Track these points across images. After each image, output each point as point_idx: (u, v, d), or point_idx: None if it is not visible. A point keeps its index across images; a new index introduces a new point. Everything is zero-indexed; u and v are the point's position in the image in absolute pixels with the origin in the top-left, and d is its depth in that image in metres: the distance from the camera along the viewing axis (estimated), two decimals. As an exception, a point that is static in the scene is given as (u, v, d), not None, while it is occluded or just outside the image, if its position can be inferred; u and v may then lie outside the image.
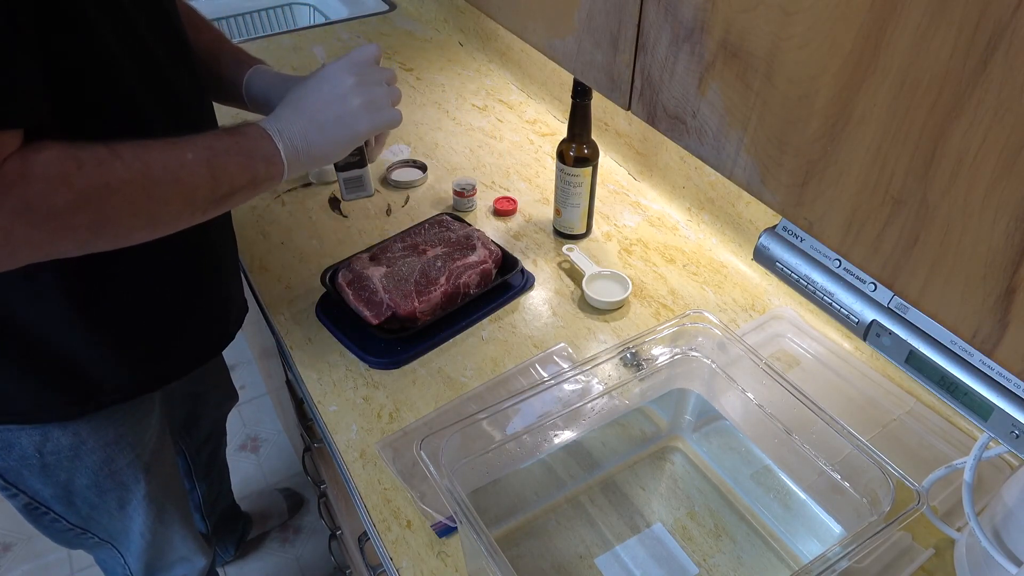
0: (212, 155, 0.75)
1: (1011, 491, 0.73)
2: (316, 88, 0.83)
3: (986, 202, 0.40)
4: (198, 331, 0.99)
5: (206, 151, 0.74)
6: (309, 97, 0.83)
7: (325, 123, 0.82)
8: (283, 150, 0.80)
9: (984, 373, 0.56)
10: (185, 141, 0.74)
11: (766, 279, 1.17)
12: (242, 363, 2.29)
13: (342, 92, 0.83)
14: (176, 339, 0.96)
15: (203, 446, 1.44)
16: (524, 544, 0.86)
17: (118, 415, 0.97)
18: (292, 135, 0.81)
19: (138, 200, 0.69)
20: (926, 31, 0.40)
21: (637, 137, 1.34)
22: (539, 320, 1.11)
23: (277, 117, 0.82)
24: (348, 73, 0.83)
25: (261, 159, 0.79)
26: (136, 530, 1.11)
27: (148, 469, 1.05)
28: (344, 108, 0.82)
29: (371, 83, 0.84)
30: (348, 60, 0.84)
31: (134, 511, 1.08)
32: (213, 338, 1.03)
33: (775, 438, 0.86)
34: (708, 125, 0.58)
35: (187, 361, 1.00)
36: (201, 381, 1.30)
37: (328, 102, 0.82)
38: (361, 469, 0.92)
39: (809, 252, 0.66)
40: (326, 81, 0.83)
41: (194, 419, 1.36)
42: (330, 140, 0.83)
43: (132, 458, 1.02)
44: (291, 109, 0.82)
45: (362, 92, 0.83)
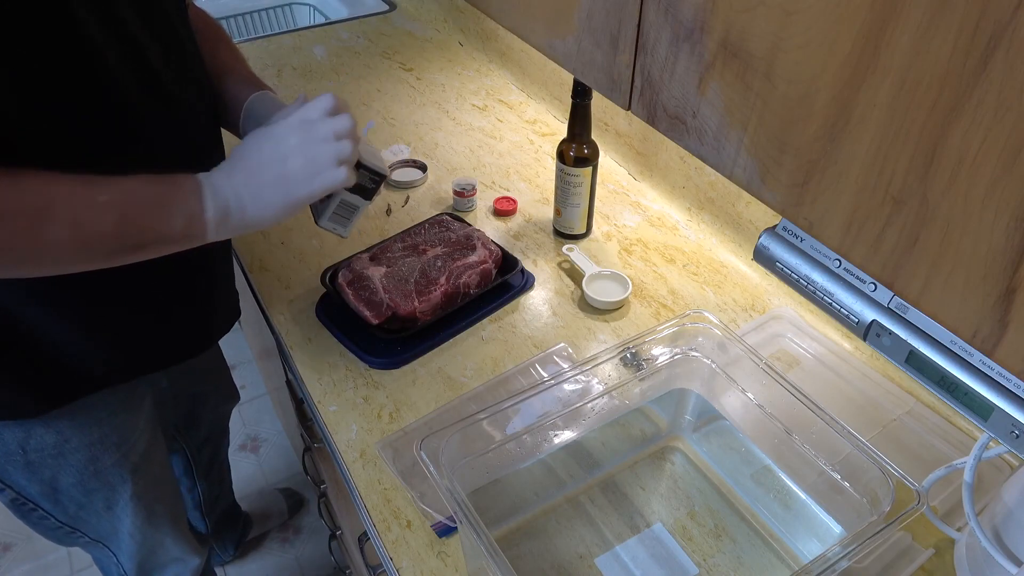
0: (128, 202, 0.71)
1: (1011, 491, 0.73)
2: (258, 146, 0.77)
3: (986, 202, 0.40)
4: (176, 328, 0.98)
5: (123, 196, 0.71)
6: (250, 155, 0.77)
7: (261, 186, 0.76)
8: (210, 211, 0.75)
9: (984, 373, 0.56)
10: (106, 182, 0.70)
11: (766, 279, 1.17)
12: (242, 363, 2.29)
13: (282, 153, 0.76)
14: (151, 333, 0.94)
15: (204, 445, 1.44)
16: (524, 544, 0.86)
17: (102, 415, 0.97)
18: (225, 196, 0.75)
19: (23, 234, 0.65)
20: (926, 31, 0.40)
21: (637, 137, 1.34)
22: (539, 320, 1.11)
23: (216, 172, 0.76)
24: (293, 131, 0.77)
25: (182, 216, 0.74)
26: (125, 531, 1.11)
27: (135, 470, 1.05)
28: (281, 170, 0.76)
29: (315, 140, 0.76)
30: (297, 116, 0.78)
31: (122, 512, 1.08)
32: (192, 338, 1.02)
33: (775, 438, 0.86)
34: (708, 125, 0.58)
35: (161, 356, 0.98)
36: (201, 381, 1.30)
37: (266, 163, 0.76)
38: (361, 469, 0.92)
39: (809, 252, 0.66)
40: (269, 139, 0.77)
41: (194, 419, 1.36)
42: (265, 205, 0.77)
43: (118, 458, 1.02)
44: (230, 165, 0.77)
45: (303, 152, 0.76)
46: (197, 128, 0.89)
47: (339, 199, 0.88)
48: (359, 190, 0.88)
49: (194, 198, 0.74)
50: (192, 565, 1.25)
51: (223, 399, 1.43)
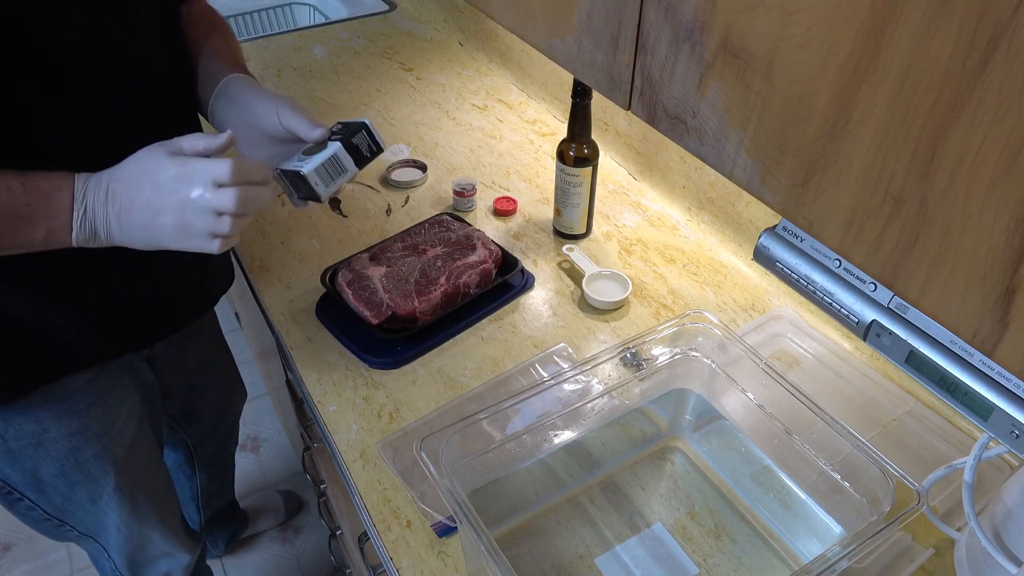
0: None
1: (1011, 491, 0.73)
2: (136, 180, 0.73)
3: (986, 202, 0.40)
4: (146, 307, 0.98)
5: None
6: (126, 186, 0.73)
7: (129, 224, 0.74)
8: (76, 232, 0.74)
9: (984, 373, 0.56)
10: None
11: (766, 279, 1.17)
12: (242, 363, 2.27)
13: (157, 205, 0.72)
14: (123, 311, 0.95)
15: (208, 440, 1.43)
16: (524, 544, 0.86)
17: (80, 405, 0.97)
18: (95, 218, 0.74)
19: None
20: (926, 31, 0.40)
21: (637, 137, 1.34)
22: (539, 320, 1.11)
23: (93, 187, 0.74)
24: (173, 184, 0.72)
25: (44, 230, 0.73)
26: (112, 524, 1.11)
27: (118, 463, 1.05)
28: (151, 220, 0.73)
29: (192, 209, 0.72)
30: (185, 170, 0.72)
31: (107, 505, 1.08)
32: (160, 320, 1.03)
33: (775, 438, 0.86)
34: (708, 125, 0.58)
35: (136, 335, 1.00)
36: (196, 374, 1.29)
37: (139, 204, 0.73)
38: (361, 469, 0.92)
39: (809, 252, 0.66)
40: (148, 180, 0.73)
41: (193, 412, 1.35)
42: (132, 238, 0.75)
43: (99, 450, 1.02)
44: (105, 188, 0.74)
45: (177, 215, 0.72)
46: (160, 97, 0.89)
47: (331, 154, 0.83)
48: (353, 152, 0.84)
49: (64, 216, 0.73)
50: (183, 562, 1.25)
51: (224, 394, 1.41)
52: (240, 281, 1.44)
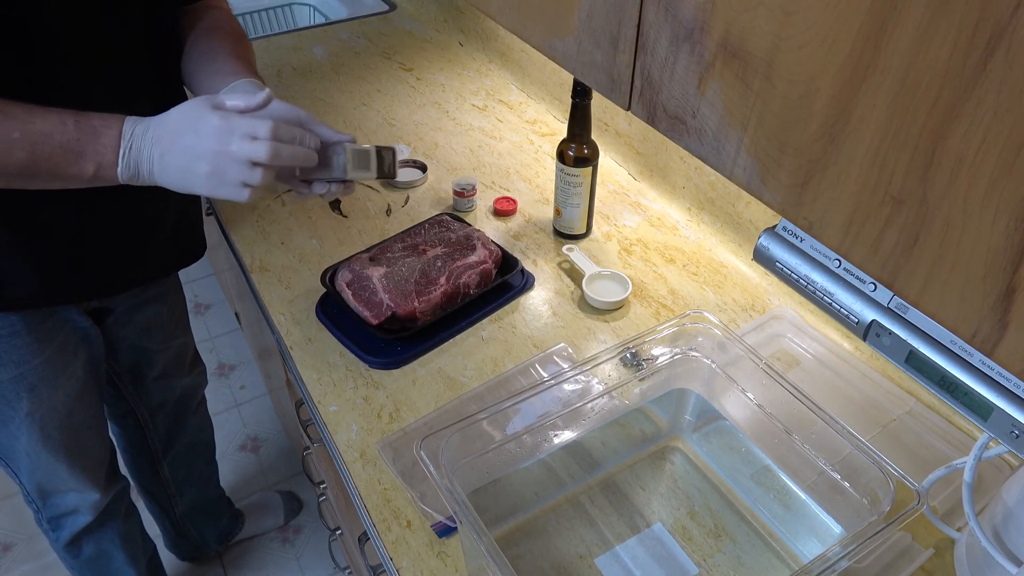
0: (42, 142, 0.76)
1: (1011, 491, 0.73)
2: (180, 127, 0.80)
3: (986, 202, 0.40)
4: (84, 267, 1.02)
5: (37, 136, 0.76)
6: (171, 132, 0.80)
7: (169, 166, 0.80)
8: (121, 169, 0.80)
9: (984, 373, 0.56)
10: (26, 117, 0.76)
11: (766, 279, 1.17)
12: (242, 363, 2.29)
13: (196, 151, 0.79)
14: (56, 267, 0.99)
15: (156, 412, 1.42)
16: (524, 544, 0.86)
17: (2, 332, 1.00)
18: (139, 157, 0.80)
19: None
20: (926, 31, 0.40)
21: (637, 137, 1.34)
22: (539, 320, 1.11)
23: (140, 132, 0.80)
24: (214, 135, 0.78)
25: (94, 163, 0.78)
26: (21, 449, 1.13)
27: (33, 390, 1.07)
28: (189, 165, 0.79)
29: (228, 156, 0.78)
30: (227, 123, 0.79)
31: (17, 429, 1.10)
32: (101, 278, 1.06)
33: (775, 438, 0.86)
34: (708, 125, 0.58)
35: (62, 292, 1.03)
36: (147, 336, 1.28)
37: (180, 149, 0.79)
38: (361, 469, 0.92)
39: (809, 252, 0.66)
40: (191, 129, 0.79)
41: (140, 376, 1.34)
42: (170, 180, 0.81)
43: (15, 375, 1.05)
44: (154, 131, 0.80)
45: (214, 161, 0.78)
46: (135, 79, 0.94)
47: (367, 147, 0.92)
48: (379, 159, 0.93)
49: (111, 152, 0.79)
50: (91, 499, 1.25)
51: (175, 367, 1.39)
52: (240, 281, 1.44)
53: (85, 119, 0.78)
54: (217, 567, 1.79)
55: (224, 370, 2.26)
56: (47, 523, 1.27)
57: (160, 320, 1.30)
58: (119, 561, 1.37)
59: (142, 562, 1.43)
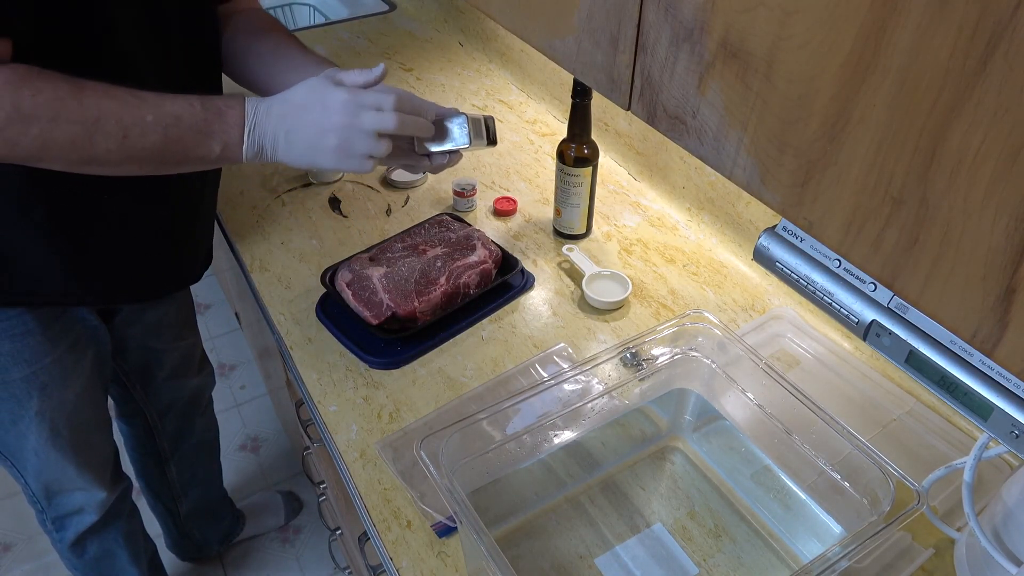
0: (173, 124, 0.78)
1: (1011, 491, 0.73)
2: (307, 104, 0.82)
3: (986, 202, 0.40)
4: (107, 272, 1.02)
5: (169, 119, 0.78)
6: (296, 108, 0.82)
7: (296, 142, 0.82)
8: (247, 147, 0.82)
9: (984, 373, 0.56)
10: (156, 101, 0.78)
11: (766, 279, 1.17)
12: (242, 363, 2.29)
13: (325, 125, 0.81)
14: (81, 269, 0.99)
15: (165, 413, 1.42)
16: (524, 544, 0.86)
17: (16, 331, 1.01)
18: (263, 134, 0.82)
19: (79, 141, 0.75)
20: (926, 31, 0.40)
21: (637, 137, 1.34)
22: (539, 320, 1.11)
23: (264, 110, 0.82)
24: (343, 109, 0.81)
25: (221, 143, 0.81)
26: (30, 448, 1.13)
27: (44, 388, 1.07)
28: (317, 140, 0.82)
29: (357, 128, 0.81)
30: (354, 96, 0.82)
31: (27, 428, 1.10)
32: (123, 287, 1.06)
33: (775, 438, 0.86)
34: (708, 125, 0.58)
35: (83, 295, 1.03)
36: (156, 336, 1.29)
37: (307, 124, 0.82)
38: (361, 469, 0.92)
39: (809, 252, 0.66)
40: (319, 104, 0.82)
41: (149, 376, 1.35)
42: (293, 157, 0.83)
43: (27, 374, 1.05)
44: (281, 107, 0.82)
45: (342, 134, 0.81)
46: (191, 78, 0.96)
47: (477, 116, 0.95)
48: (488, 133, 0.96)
49: (236, 130, 0.81)
50: (98, 498, 1.25)
51: (183, 368, 1.40)
52: (240, 281, 1.44)
53: (210, 101, 0.80)
54: (217, 567, 1.79)
55: (224, 370, 2.26)
56: (51, 523, 1.26)
57: (169, 320, 1.30)
58: (123, 561, 1.37)
59: (144, 562, 1.44)
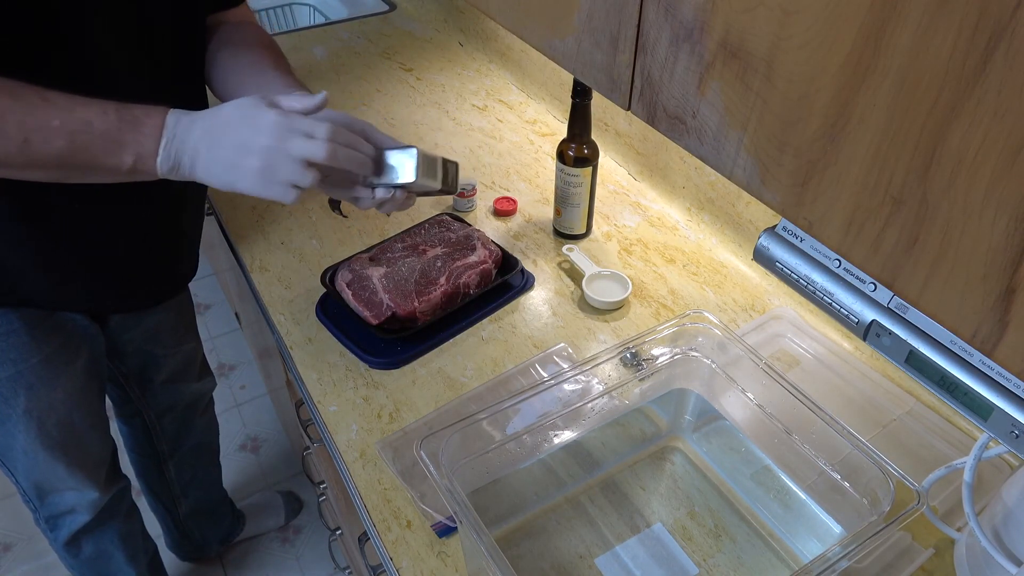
0: (82, 130, 0.74)
1: (1011, 491, 0.73)
2: (234, 121, 0.77)
3: (986, 202, 0.40)
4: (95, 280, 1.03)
5: (78, 124, 0.74)
6: (222, 125, 0.77)
7: (217, 160, 0.77)
8: (161, 160, 0.77)
9: (984, 373, 0.56)
10: (67, 105, 0.74)
11: (766, 279, 1.17)
12: (242, 363, 2.29)
13: (249, 146, 0.76)
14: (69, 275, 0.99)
15: (164, 415, 1.42)
16: (524, 544, 0.86)
17: (0, 330, 1.01)
18: (182, 148, 0.77)
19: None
20: (926, 31, 0.40)
21: (637, 137, 1.34)
22: (539, 320, 1.11)
23: (187, 123, 0.78)
24: (271, 131, 0.76)
25: (133, 154, 0.76)
26: (19, 447, 1.13)
27: (30, 388, 1.07)
28: (239, 160, 0.76)
29: (283, 153, 0.75)
30: (286, 120, 0.76)
31: (14, 427, 1.10)
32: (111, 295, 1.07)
33: (775, 438, 0.86)
34: (708, 125, 0.58)
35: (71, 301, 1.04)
36: (154, 341, 1.29)
37: (231, 143, 0.77)
38: (361, 469, 0.92)
39: (809, 252, 0.66)
40: (247, 123, 0.77)
41: (146, 380, 1.35)
42: (214, 175, 0.78)
43: (12, 373, 1.04)
44: (203, 122, 0.78)
45: (266, 157, 0.76)
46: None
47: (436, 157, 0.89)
48: (444, 172, 0.90)
49: (151, 142, 0.76)
50: (89, 498, 1.25)
51: (183, 371, 1.40)
52: (240, 281, 1.44)
53: (127, 109, 0.76)
54: (217, 567, 1.79)
55: (224, 370, 2.26)
56: (45, 523, 1.27)
57: (168, 325, 1.30)
58: (119, 561, 1.37)
59: (143, 562, 1.43)
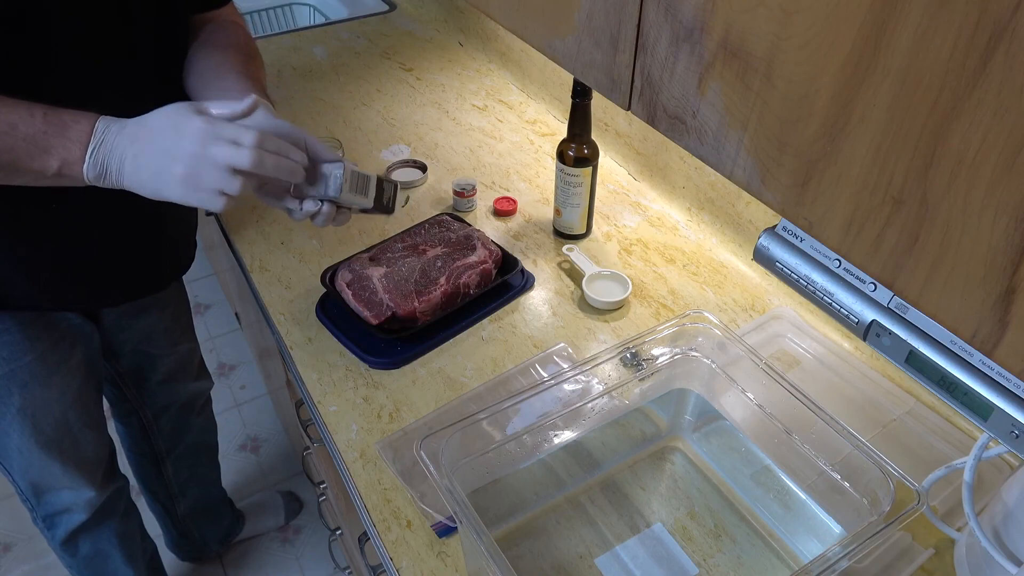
0: (6, 132, 0.73)
1: (1011, 491, 0.73)
2: (160, 128, 0.77)
3: (986, 202, 0.40)
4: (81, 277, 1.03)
5: (2, 126, 0.73)
6: (148, 132, 0.77)
7: (142, 167, 0.77)
8: (87, 167, 0.76)
9: (984, 373, 0.56)
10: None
11: (766, 279, 1.17)
12: (242, 363, 2.29)
13: (174, 152, 0.75)
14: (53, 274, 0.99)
15: (160, 415, 1.43)
16: (524, 544, 0.86)
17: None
18: (109, 155, 0.76)
19: None
20: (926, 31, 0.40)
21: (637, 137, 1.34)
22: (539, 320, 1.11)
23: (116, 130, 0.77)
24: (195, 137, 0.75)
25: (59, 159, 0.75)
26: (13, 446, 1.13)
27: (24, 386, 1.08)
28: (164, 167, 0.76)
29: (207, 160, 0.75)
30: (211, 126, 0.76)
31: (9, 426, 1.10)
32: (99, 290, 1.06)
33: (775, 438, 0.86)
34: (708, 125, 0.58)
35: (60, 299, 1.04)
36: (149, 341, 1.29)
37: (156, 150, 0.76)
38: (361, 469, 0.92)
39: (809, 252, 0.66)
40: (171, 130, 0.76)
41: (143, 379, 1.35)
42: (140, 182, 0.78)
43: (6, 371, 1.05)
44: (131, 130, 0.77)
45: (190, 164, 0.75)
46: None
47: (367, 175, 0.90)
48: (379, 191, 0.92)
49: (77, 148, 0.76)
50: (85, 497, 1.25)
51: (179, 371, 1.40)
52: (240, 281, 1.44)
53: (55, 113, 0.75)
54: (217, 567, 1.79)
55: (224, 370, 2.26)
56: (42, 521, 1.27)
57: (162, 326, 1.30)
58: (117, 560, 1.37)
59: (141, 562, 1.43)
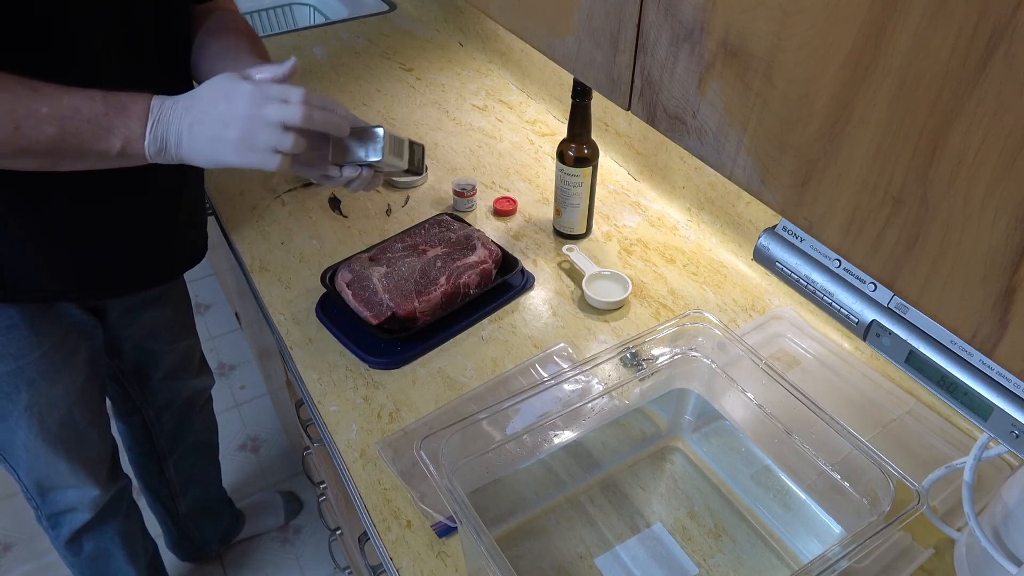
0: (70, 116, 0.76)
1: (1011, 491, 0.73)
2: (212, 97, 0.81)
3: (986, 202, 0.40)
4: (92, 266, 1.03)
5: (66, 111, 0.76)
6: (201, 102, 0.81)
7: (199, 136, 0.80)
8: (148, 142, 0.80)
9: (984, 373, 0.56)
10: (54, 94, 0.76)
11: (766, 279, 1.17)
12: (242, 363, 2.29)
13: (227, 117, 0.79)
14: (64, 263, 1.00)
15: (162, 412, 1.43)
16: (524, 544, 0.86)
17: (1, 325, 1.01)
18: (167, 129, 0.80)
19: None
20: (926, 31, 0.40)
21: (637, 137, 1.34)
22: (539, 320, 1.11)
23: (169, 105, 0.81)
24: (246, 99, 0.79)
25: (122, 138, 0.79)
26: (20, 443, 1.13)
27: (32, 383, 1.08)
28: (220, 132, 0.80)
29: (260, 119, 0.79)
30: (259, 88, 0.80)
31: (16, 423, 1.10)
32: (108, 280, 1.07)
33: (775, 438, 0.86)
34: (708, 125, 0.58)
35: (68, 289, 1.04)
36: (151, 338, 1.29)
37: (211, 118, 0.80)
38: (361, 469, 0.92)
39: (809, 252, 0.66)
40: (223, 97, 0.80)
41: (145, 376, 1.35)
42: (198, 151, 0.81)
43: (14, 368, 1.05)
44: (187, 102, 0.81)
45: (244, 126, 0.79)
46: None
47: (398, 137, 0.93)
48: (411, 153, 0.93)
49: (138, 125, 0.79)
50: (90, 496, 1.25)
51: (181, 369, 1.40)
52: (240, 281, 1.44)
53: (114, 95, 0.79)
54: (217, 567, 1.79)
55: (224, 370, 2.26)
56: (47, 520, 1.27)
57: (164, 322, 1.30)
58: (119, 560, 1.37)
59: (143, 561, 1.43)
